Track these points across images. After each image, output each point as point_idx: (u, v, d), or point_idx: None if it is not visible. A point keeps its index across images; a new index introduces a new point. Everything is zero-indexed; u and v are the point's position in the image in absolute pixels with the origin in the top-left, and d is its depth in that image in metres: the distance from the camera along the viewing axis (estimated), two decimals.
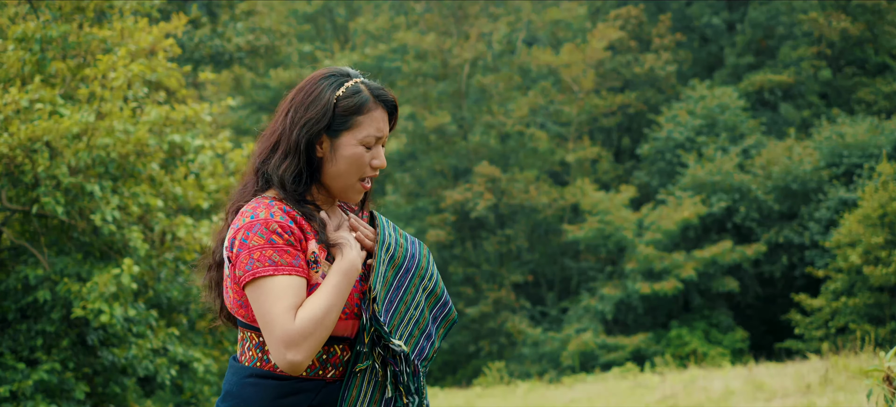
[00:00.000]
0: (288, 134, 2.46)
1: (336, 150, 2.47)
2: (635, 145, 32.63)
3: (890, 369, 4.15)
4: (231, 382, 2.46)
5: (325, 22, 34.98)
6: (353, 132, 2.47)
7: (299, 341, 2.31)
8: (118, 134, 9.04)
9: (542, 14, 33.59)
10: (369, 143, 2.49)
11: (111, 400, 10.16)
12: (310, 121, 2.45)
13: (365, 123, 2.48)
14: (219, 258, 2.52)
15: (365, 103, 2.48)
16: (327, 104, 2.46)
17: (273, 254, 2.35)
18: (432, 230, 28.60)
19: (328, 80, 2.49)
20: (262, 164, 2.49)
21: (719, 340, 25.74)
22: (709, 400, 13.14)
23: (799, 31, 31.42)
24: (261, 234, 2.36)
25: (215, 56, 20.71)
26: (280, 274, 2.34)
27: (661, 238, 26.48)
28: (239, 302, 2.43)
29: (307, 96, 2.48)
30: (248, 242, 2.36)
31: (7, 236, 9.63)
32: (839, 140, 26.32)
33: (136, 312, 9.28)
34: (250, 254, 2.35)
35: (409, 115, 30.71)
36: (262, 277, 2.34)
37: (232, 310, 2.47)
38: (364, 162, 2.49)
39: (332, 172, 2.49)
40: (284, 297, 2.32)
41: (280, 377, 2.41)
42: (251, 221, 2.38)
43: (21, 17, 10.10)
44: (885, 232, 21.22)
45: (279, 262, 2.35)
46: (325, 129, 2.46)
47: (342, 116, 2.46)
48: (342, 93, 2.47)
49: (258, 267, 2.34)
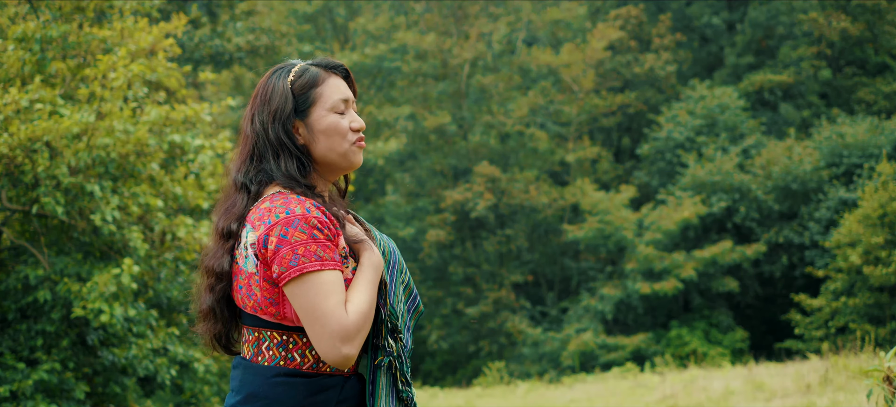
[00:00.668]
0: (264, 135, 2.49)
1: (312, 129, 2.51)
2: (635, 145, 32.63)
3: (890, 369, 4.16)
4: (254, 383, 2.43)
5: (325, 22, 34.97)
6: (319, 105, 2.51)
7: (354, 335, 2.34)
8: (118, 134, 9.04)
9: (542, 14, 33.59)
10: (339, 108, 2.53)
11: (111, 400, 10.16)
12: (276, 112, 2.49)
13: (325, 92, 2.53)
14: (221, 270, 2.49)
15: (317, 75, 2.54)
16: (284, 90, 2.51)
17: (317, 249, 2.35)
18: (432, 230, 28.59)
19: (276, 73, 2.55)
20: (244, 176, 2.50)
21: (719, 340, 25.74)
22: (709, 400, 13.13)
23: (799, 31, 31.42)
24: (302, 229, 2.35)
25: (215, 56, 20.70)
26: (327, 269, 2.34)
27: (661, 238, 26.48)
28: (269, 300, 2.41)
29: (264, 95, 2.53)
30: (288, 238, 2.35)
31: (7, 236, 9.63)
32: (839, 140, 26.31)
33: (136, 312, 9.28)
34: (294, 250, 2.34)
35: (409, 116, 30.71)
36: (310, 273, 2.34)
37: (256, 310, 2.44)
38: (343, 127, 2.52)
39: (321, 151, 2.51)
40: (334, 292, 2.34)
41: (308, 375, 2.42)
42: (288, 216, 2.37)
43: (21, 17, 10.10)
44: (885, 232, 21.22)
45: (324, 257, 2.35)
46: (294, 113, 2.50)
47: (302, 95, 2.51)
48: (293, 77, 2.53)
49: (304, 262, 2.33)
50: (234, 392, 2.46)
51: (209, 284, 2.51)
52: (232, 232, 2.47)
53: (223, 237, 2.49)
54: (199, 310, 2.55)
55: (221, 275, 2.48)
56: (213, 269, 2.49)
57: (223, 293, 2.50)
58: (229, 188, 2.54)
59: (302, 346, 2.43)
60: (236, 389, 2.46)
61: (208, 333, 2.55)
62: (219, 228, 2.50)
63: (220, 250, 2.49)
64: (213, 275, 2.49)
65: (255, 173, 2.49)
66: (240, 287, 2.45)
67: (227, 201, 2.53)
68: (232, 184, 2.53)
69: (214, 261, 2.49)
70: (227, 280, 2.49)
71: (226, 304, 2.52)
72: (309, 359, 2.43)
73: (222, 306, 2.52)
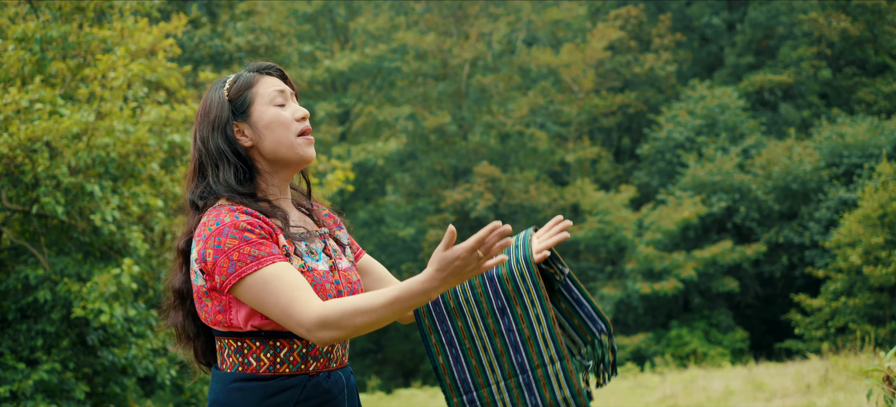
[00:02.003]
0: (206, 148, 2.51)
1: (255, 126, 2.52)
2: (635, 145, 32.63)
3: (890, 369, 4.15)
4: (216, 390, 2.47)
5: (325, 22, 34.96)
6: (256, 103, 2.52)
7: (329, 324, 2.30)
8: (118, 134, 9.04)
9: (542, 14, 33.57)
10: (277, 100, 2.53)
11: (111, 400, 10.16)
12: (214, 121, 2.51)
13: (260, 90, 2.54)
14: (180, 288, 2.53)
15: (250, 77, 2.55)
16: (220, 99, 2.53)
17: (250, 249, 2.36)
18: (432, 230, 28.59)
19: (213, 87, 2.57)
20: (192, 194, 2.52)
21: (719, 340, 25.74)
22: (709, 400, 13.13)
23: (799, 31, 31.41)
24: (232, 234, 2.36)
25: (215, 56, 20.70)
26: (264, 265, 2.35)
27: (661, 238, 26.48)
28: (218, 309, 2.43)
29: (203, 109, 2.56)
30: (222, 247, 2.36)
31: (7, 236, 9.62)
32: (839, 140, 26.31)
33: (136, 312, 9.28)
34: (228, 257, 2.35)
35: (409, 116, 30.70)
36: (248, 275, 2.34)
37: (209, 321, 2.46)
38: (285, 117, 2.52)
39: (269, 146, 2.51)
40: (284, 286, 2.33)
41: (264, 377, 2.42)
42: (217, 227, 2.38)
43: (21, 17, 10.10)
44: (885, 232, 21.22)
45: (260, 254, 2.36)
46: (234, 117, 2.51)
47: (238, 98, 2.53)
48: (228, 85, 2.55)
49: (241, 267, 2.35)
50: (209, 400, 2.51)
51: (174, 303, 2.56)
52: (183, 250, 2.51)
53: (179, 255, 2.53)
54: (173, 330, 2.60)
55: (182, 293, 2.53)
56: (174, 287, 2.54)
57: (189, 311, 2.54)
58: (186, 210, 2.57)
59: (256, 349, 2.43)
60: (208, 398, 2.51)
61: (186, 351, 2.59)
62: (176, 247, 2.54)
63: (179, 270, 2.53)
64: (175, 294, 2.55)
65: (202, 189, 2.51)
66: (198, 303, 2.47)
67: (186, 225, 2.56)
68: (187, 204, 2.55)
69: (175, 280, 2.54)
70: (189, 297, 2.52)
71: (191, 321, 2.55)
72: (264, 362, 2.43)
73: (188, 324, 2.55)
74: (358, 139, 31.08)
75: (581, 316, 2.60)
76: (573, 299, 2.64)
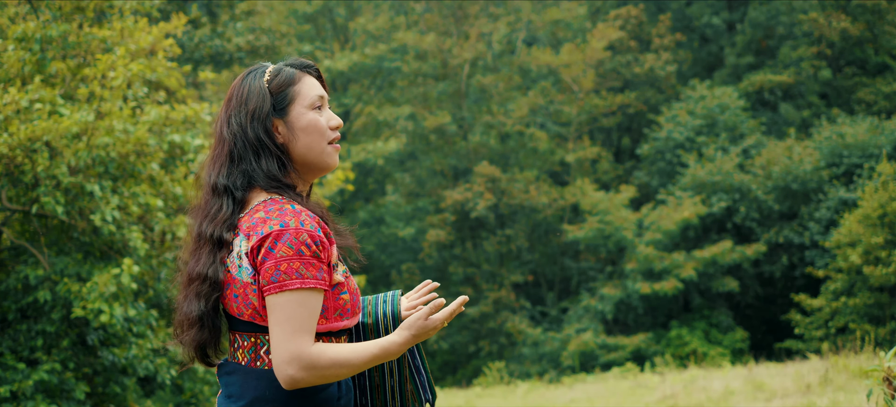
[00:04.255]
0: (242, 136, 2.47)
1: (292, 127, 2.50)
2: (635, 145, 32.62)
3: (890, 369, 4.15)
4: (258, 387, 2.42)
5: (325, 22, 34.96)
6: (297, 102, 2.51)
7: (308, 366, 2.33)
8: (118, 134, 9.04)
9: (542, 14, 33.57)
10: (317, 104, 2.53)
11: (111, 400, 10.15)
12: (255, 111, 2.48)
13: (302, 90, 2.52)
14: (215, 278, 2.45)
15: (292, 74, 2.53)
16: (261, 90, 2.50)
17: (300, 266, 2.35)
18: (432, 230, 28.59)
19: (249, 75, 2.54)
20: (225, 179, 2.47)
21: (719, 340, 25.73)
22: (709, 400, 13.13)
23: (799, 31, 31.41)
24: (289, 244, 2.35)
25: (215, 56, 20.70)
26: (306, 288, 2.34)
27: (661, 238, 26.47)
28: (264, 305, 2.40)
29: (240, 96, 2.51)
30: (275, 252, 2.35)
31: (7, 236, 9.62)
32: (839, 140, 26.31)
33: (136, 312, 9.27)
34: (277, 265, 2.34)
35: (409, 116, 30.70)
36: (288, 290, 2.33)
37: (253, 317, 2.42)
38: (322, 125, 2.52)
39: (300, 149, 2.51)
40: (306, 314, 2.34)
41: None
42: (280, 229, 2.36)
43: (21, 17, 10.10)
44: (885, 232, 21.22)
45: (306, 275, 2.35)
46: (272, 112, 2.49)
47: (279, 94, 2.50)
48: (268, 77, 2.52)
49: (285, 280, 2.34)
50: (236, 398, 2.44)
51: (200, 290, 2.45)
52: (224, 240, 2.44)
53: (215, 245, 2.45)
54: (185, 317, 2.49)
55: (216, 283, 2.44)
56: (207, 276, 2.45)
57: (216, 302, 2.47)
58: (207, 192, 2.50)
59: None
60: (237, 395, 2.44)
61: (194, 342, 2.49)
62: (206, 234, 2.45)
63: (211, 258, 2.45)
64: (206, 282, 2.45)
65: (236, 176, 2.46)
66: (235, 296, 2.43)
67: (207, 206, 2.49)
68: (211, 188, 2.49)
69: (207, 268, 2.45)
70: (220, 289, 2.45)
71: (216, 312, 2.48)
72: None
73: (213, 315, 2.47)
74: (358, 139, 31.09)
75: (416, 383, 2.71)
76: (414, 366, 2.72)
